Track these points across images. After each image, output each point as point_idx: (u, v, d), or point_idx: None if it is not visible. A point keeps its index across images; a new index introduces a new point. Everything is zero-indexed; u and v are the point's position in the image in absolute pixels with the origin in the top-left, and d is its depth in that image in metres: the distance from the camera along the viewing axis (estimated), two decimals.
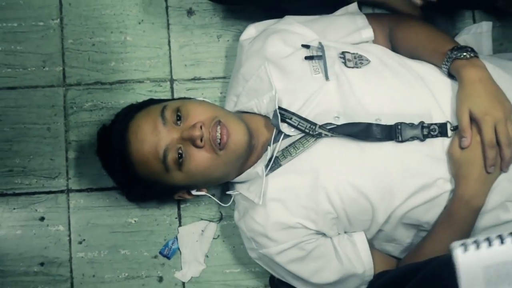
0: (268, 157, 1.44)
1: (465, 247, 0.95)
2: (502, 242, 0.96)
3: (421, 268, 1.24)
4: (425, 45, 1.52)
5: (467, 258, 0.95)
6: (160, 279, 1.64)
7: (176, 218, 1.66)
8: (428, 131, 1.40)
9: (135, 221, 1.65)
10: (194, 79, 1.73)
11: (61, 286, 1.61)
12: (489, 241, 0.95)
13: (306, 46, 1.51)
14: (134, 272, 1.63)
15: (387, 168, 1.39)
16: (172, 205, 1.66)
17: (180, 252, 1.64)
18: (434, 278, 1.19)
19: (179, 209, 1.67)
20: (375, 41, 1.59)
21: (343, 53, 1.48)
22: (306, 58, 1.48)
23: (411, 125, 1.40)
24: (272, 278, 1.60)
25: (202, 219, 1.67)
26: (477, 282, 0.97)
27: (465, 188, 1.37)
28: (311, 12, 1.62)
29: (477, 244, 0.95)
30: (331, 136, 1.41)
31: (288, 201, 1.42)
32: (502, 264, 0.97)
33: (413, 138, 1.40)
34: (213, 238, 1.66)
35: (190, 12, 1.75)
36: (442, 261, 1.22)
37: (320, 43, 1.50)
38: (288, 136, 1.44)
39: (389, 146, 1.40)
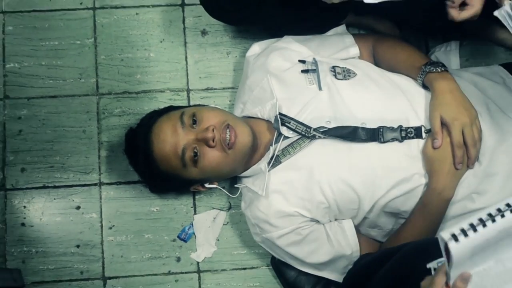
0: (270, 156, 1.44)
1: (455, 237, 0.92)
2: (484, 226, 0.97)
3: (397, 251, 1.25)
4: (403, 61, 1.53)
5: (459, 246, 0.93)
6: (178, 259, 1.63)
7: (191, 207, 1.66)
8: (405, 133, 1.41)
9: (156, 209, 1.66)
10: (207, 89, 1.74)
11: (94, 265, 1.61)
12: (473, 227, 0.94)
13: (302, 61, 1.52)
14: (156, 253, 1.63)
15: (371, 165, 1.40)
16: (188, 196, 1.66)
17: (195, 236, 1.64)
18: (406, 259, 1.21)
19: (194, 199, 1.67)
20: (360, 57, 1.60)
21: (333, 67, 1.49)
22: (302, 71, 1.49)
23: (391, 129, 1.41)
24: (273, 259, 1.60)
25: (213, 208, 1.67)
26: (464, 258, 0.96)
27: (437, 182, 1.39)
28: (306, 32, 1.63)
29: (464, 232, 0.93)
30: (324, 137, 1.41)
31: (287, 193, 1.42)
32: (485, 241, 0.95)
33: (393, 140, 1.41)
34: (223, 225, 1.66)
35: (203, 33, 1.75)
36: (413, 246, 1.24)
37: (314, 58, 1.51)
38: (287, 137, 1.44)
39: (373, 146, 1.41)
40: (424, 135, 1.42)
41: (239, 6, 1.52)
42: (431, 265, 1.06)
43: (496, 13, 1.22)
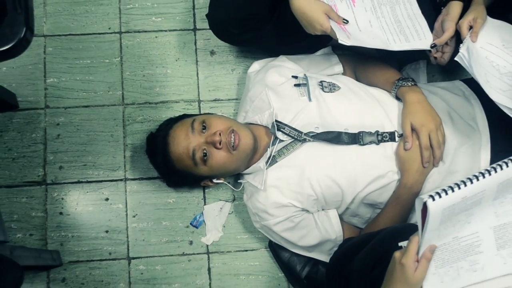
0: (268, 156, 1.45)
1: (432, 197, 0.96)
2: (452, 191, 0.98)
3: (375, 235, 1.27)
4: (379, 77, 1.53)
5: (435, 204, 0.96)
6: (191, 242, 1.62)
7: (202, 199, 1.65)
8: (381, 137, 1.41)
9: (172, 201, 1.65)
10: (215, 100, 1.72)
11: (120, 247, 1.61)
12: (444, 190, 0.96)
13: (295, 77, 1.51)
14: (172, 237, 1.62)
15: (352, 164, 1.40)
16: (199, 189, 1.65)
17: (205, 223, 1.63)
18: (382, 242, 1.22)
19: (204, 192, 1.66)
20: (344, 74, 1.60)
21: (321, 82, 1.48)
22: (295, 85, 1.49)
23: (369, 133, 1.41)
24: (270, 242, 1.60)
25: (220, 200, 1.66)
26: (436, 222, 0.98)
27: (408, 178, 1.39)
28: (298, 52, 1.63)
29: (439, 194, 0.96)
30: (313, 141, 1.41)
31: (282, 187, 1.42)
32: (451, 205, 0.98)
33: (371, 142, 1.40)
34: (228, 214, 1.65)
35: (212, 53, 1.74)
36: (388, 230, 1.26)
37: (305, 74, 1.51)
38: (282, 140, 1.44)
39: (354, 148, 1.41)
40: (397, 138, 1.42)
41: (242, 30, 1.52)
42: (403, 243, 1.06)
43: (456, 58, 1.28)
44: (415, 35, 1.39)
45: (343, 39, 1.30)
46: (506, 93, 1.31)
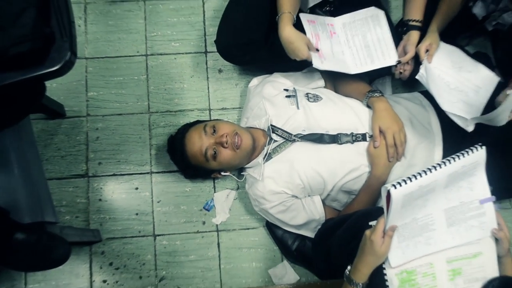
0: (264, 153, 1.45)
1: (395, 186, 0.96)
2: (411, 181, 0.98)
3: (350, 216, 1.27)
4: (353, 89, 1.53)
5: (396, 191, 0.96)
6: (204, 223, 1.62)
7: (212, 188, 1.65)
8: (355, 138, 1.41)
9: (189, 189, 1.64)
10: (222, 108, 1.72)
11: (147, 227, 1.60)
12: (404, 180, 0.97)
13: (286, 90, 1.51)
14: (188, 218, 1.62)
15: (332, 159, 1.40)
16: (210, 180, 1.65)
17: (215, 207, 1.63)
18: (356, 221, 1.23)
19: (214, 182, 1.65)
20: (325, 87, 1.60)
21: (307, 93, 1.49)
22: (286, 96, 1.49)
23: (346, 135, 1.41)
24: (267, 222, 1.59)
25: (227, 188, 1.65)
26: (398, 206, 0.99)
27: (376, 170, 1.39)
28: (289, 70, 1.62)
29: (399, 183, 0.97)
30: (301, 141, 1.41)
31: (276, 178, 1.42)
32: (410, 192, 0.98)
33: (347, 142, 1.41)
34: (234, 199, 1.64)
35: (220, 71, 1.74)
36: (361, 212, 1.26)
37: (294, 88, 1.51)
38: (276, 141, 1.44)
39: (333, 147, 1.41)
40: (368, 139, 1.42)
41: (243, 53, 1.53)
42: (373, 223, 1.07)
43: (417, 76, 1.30)
44: (381, 56, 1.40)
45: (317, 65, 1.33)
46: (455, 104, 1.32)
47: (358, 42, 1.42)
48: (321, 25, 1.39)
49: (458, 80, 1.37)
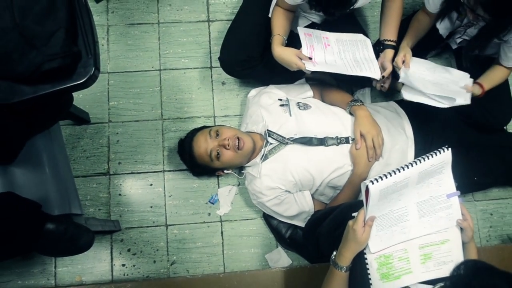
0: (262, 154, 1.44)
1: (372, 182, 0.97)
2: (386, 177, 0.98)
3: (336, 208, 1.27)
4: (338, 99, 1.52)
5: (374, 187, 0.96)
6: (209, 214, 1.61)
7: (216, 184, 1.63)
8: (340, 141, 1.41)
9: (196, 185, 1.63)
10: (225, 116, 1.71)
11: (160, 218, 1.59)
12: (381, 177, 0.97)
13: (280, 99, 1.51)
14: (196, 210, 1.61)
15: (320, 159, 1.40)
16: (214, 177, 1.64)
17: (219, 201, 1.62)
18: (341, 213, 1.22)
19: (218, 179, 1.64)
20: (313, 97, 1.59)
21: (298, 103, 1.49)
22: (280, 105, 1.49)
23: (331, 138, 1.41)
24: (264, 213, 1.58)
25: (229, 185, 1.63)
26: (375, 199, 0.99)
27: (358, 168, 1.39)
28: (282, 82, 1.61)
29: (377, 180, 0.97)
30: (293, 143, 1.41)
31: (272, 175, 1.42)
32: (385, 187, 0.98)
33: (332, 144, 1.41)
34: (235, 194, 1.63)
35: (223, 83, 1.73)
36: (345, 205, 1.26)
37: (287, 98, 1.51)
38: (271, 143, 1.44)
39: (321, 148, 1.41)
40: (350, 141, 1.42)
41: (242, 68, 1.53)
42: (355, 214, 1.07)
43: (400, 80, 1.29)
44: (368, 69, 1.39)
45: (310, 67, 1.31)
46: (436, 92, 1.31)
47: (349, 56, 1.41)
48: (316, 37, 1.39)
49: (436, 78, 1.37)
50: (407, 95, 1.33)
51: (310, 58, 1.34)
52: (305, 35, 1.38)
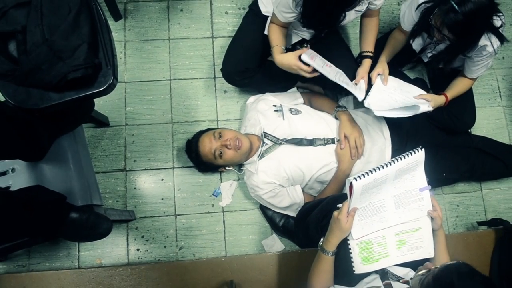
0: (259, 153, 1.44)
1: (355, 179, 0.96)
2: (368, 175, 0.98)
3: (323, 200, 1.27)
4: (324, 105, 1.53)
5: (357, 183, 0.96)
6: (213, 205, 1.59)
7: (219, 179, 1.61)
8: (326, 141, 1.41)
9: (201, 180, 1.61)
10: (227, 119, 1.70)
11: (170, 208, 1.57)
12: (363, 174, 0.97)
13: (275, 106, 1.50)
14: (201, 202, 1.59)
15: (309, 158, 1.40)
16: (217, 173, 1.62)
17: (221, 194, 1.60)
18: (328, 205, 1.22)
19: (220, 175, 1.62)
20: (304, 103, 1.58)
21: (290, 108, 1.48)
22: (275, 110, 1.48)
23: (319, 139, 1.41)
24: (260, 205, 1.57)
25: (230, 180, 1.62)
26: (358, 193, 0.99)
27: (342, 166, 1.39)
28: (277, 90, 1.60)
29: (359, 177, 0.97)
30: (285, 144, 1.41)
31: (267, 171, 1.41)
32: (367, 183, 0.98)
33: (320, 145, 1.40)
34: (235, 188, 1.61)
35: (225, 91, 1.72)
36: (331, 197, 1.27)
37: (281, 104, 1.50)
38: (267, 144, 1.44)
39: (310, 148, 1.41)
40: (336, 142, 1.42)
41: (242, 77, 1.53)
42: (340, 205, 1.07)
43: (365, 105, 1.29)
44: (353, 88, 1.36)
45: (305, 59, 1.25)
46: (402, 104, 1.32)
47: (344, 79, 1.37)
48: (320, 59, 1.35)
49: (402, 91, 1.38)
50: (378, 112, 1.32)
51: (308, 65, 1.29)
52: (308, 56, 1.32)
